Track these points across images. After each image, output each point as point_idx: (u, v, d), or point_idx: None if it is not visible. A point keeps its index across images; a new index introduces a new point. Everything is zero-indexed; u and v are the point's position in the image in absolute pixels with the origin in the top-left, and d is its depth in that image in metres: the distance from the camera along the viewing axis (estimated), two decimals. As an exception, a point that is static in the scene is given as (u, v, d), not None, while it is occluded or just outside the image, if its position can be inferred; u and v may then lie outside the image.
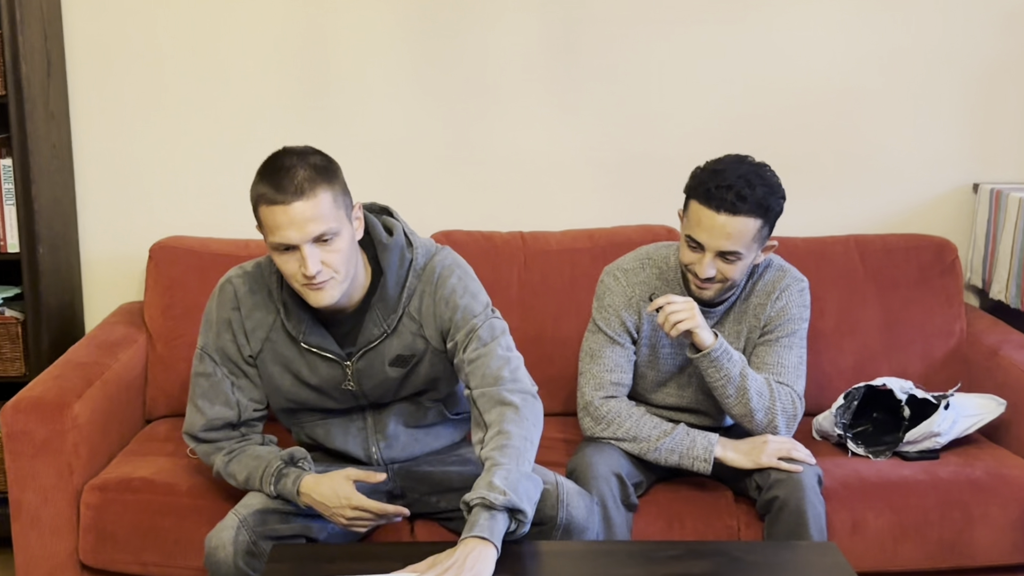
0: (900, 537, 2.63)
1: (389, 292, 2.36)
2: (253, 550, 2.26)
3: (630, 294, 2.68)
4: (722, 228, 2.48)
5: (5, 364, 3.11)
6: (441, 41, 3.29)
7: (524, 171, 3.38)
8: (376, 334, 2.38)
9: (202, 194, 3.34)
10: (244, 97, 3.31)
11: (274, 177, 2.19)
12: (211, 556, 2.28)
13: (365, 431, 2.51)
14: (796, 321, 2.66)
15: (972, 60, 3.35)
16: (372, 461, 2.52)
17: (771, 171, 2.56)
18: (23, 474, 2.63)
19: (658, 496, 2.65)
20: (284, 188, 2.17)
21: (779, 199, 2.54)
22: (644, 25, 3.29)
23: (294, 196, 2.17)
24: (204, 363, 2.44)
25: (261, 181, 2.22)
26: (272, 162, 2.24)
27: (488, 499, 2.09)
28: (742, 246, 2.50)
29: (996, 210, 3.25)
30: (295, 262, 2.22)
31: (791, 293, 2.67)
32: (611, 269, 2.73)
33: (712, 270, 2.53)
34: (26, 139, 3.02)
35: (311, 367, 2.42)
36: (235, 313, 2.41)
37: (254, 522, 2.29)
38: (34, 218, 3.06)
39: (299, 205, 2.17)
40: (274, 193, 2.18)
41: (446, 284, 2.38)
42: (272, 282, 2.39)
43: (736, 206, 2.46)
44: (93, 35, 3.26)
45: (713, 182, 2.49)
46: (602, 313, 2.69)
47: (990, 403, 2.87)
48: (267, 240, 2.24)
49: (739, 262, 2.53)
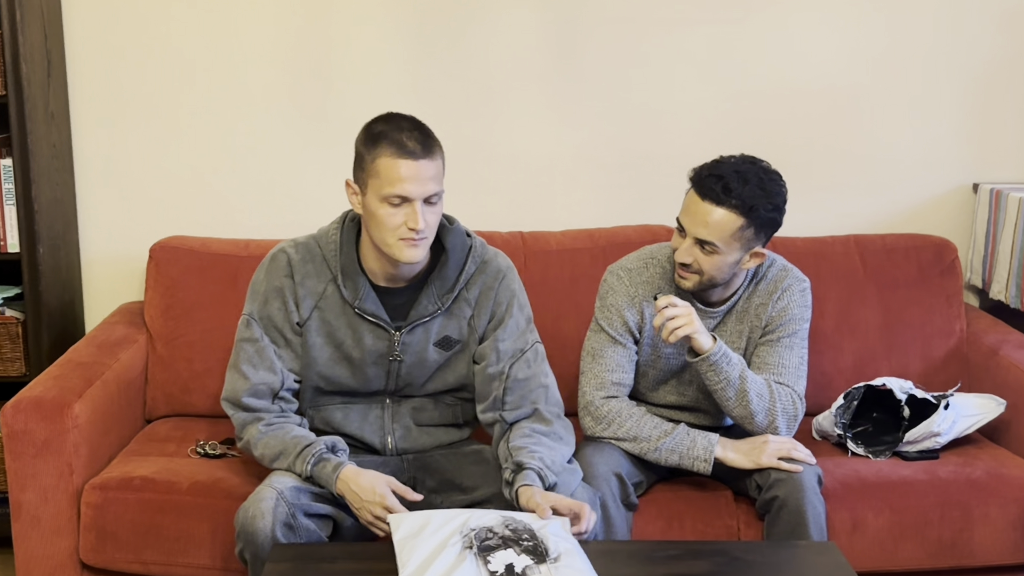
0: (900, 537, 2.63)
1: (449, 271, 2.46)
2: (291, 523, 2.28)
3: (633, 293, 2.69)
4: (703, 215, 2.51)
5: (5, 364, 3.12)
6: (441, 41, 3.30)
7: (524, 171, 3.38)
8: (430, 310, 2.47)
9: (202, 194, 3.35)
10: (244, 97, 3.31)
11: (401, 134, 2.32)
12: (248, 525, 2.27)
13: (381, 419, 2.55)
14: (797, 321, 2.67)
15: (972, 60, 3.35)
16: (386, 450, 2.56)
17: (776, 180, 2.56)
18: (23, 474, 2.63)
19: (658, 496, 2.65)
20: (412, 145, 2.31)
21: (770, 206, 2.53)
22: (644, 25, 3.30)
23: (422, 154, 2.31)
24: (251, 329, 2.47)
25: (385, 136, 2.33)
26: (393, 120, 2.36)
27: (543, 474, 2.30)
28: (719, 239, 2.51)
29: (996, 210, 3.26)
30: (402, 215, 2.32)
31: (792, 293, 2.68)
32: (614, 268, 2.73)
33: (688, 257, 2.55)
34: (26, 139, 3.02)
35: (356, 337, 2.47)
36: (287, 280, 2.46)
37: (291, 496, 2.31)
38: (34, 218, 3.06)
39: (424, 163, 2.31)
40: (402, 148, 2.31)
41: (508, 287, 2.52)
42: (329, 251, 2.46)
43: (720, 197, 2.49)
44: (93, 35, 3.26)
45: (709, 171, 2.53)
46: (604, 312, 2.69)
47: (990, 403, 2.87)
48: (378, 192, 2.32)
49: (716, 256, 2.54)
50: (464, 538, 2.10)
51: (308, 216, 3.29)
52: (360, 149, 2.37)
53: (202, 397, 3.08)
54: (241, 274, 3.09)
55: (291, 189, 3.36)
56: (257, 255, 3.11)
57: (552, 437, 2.43)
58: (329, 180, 3.35)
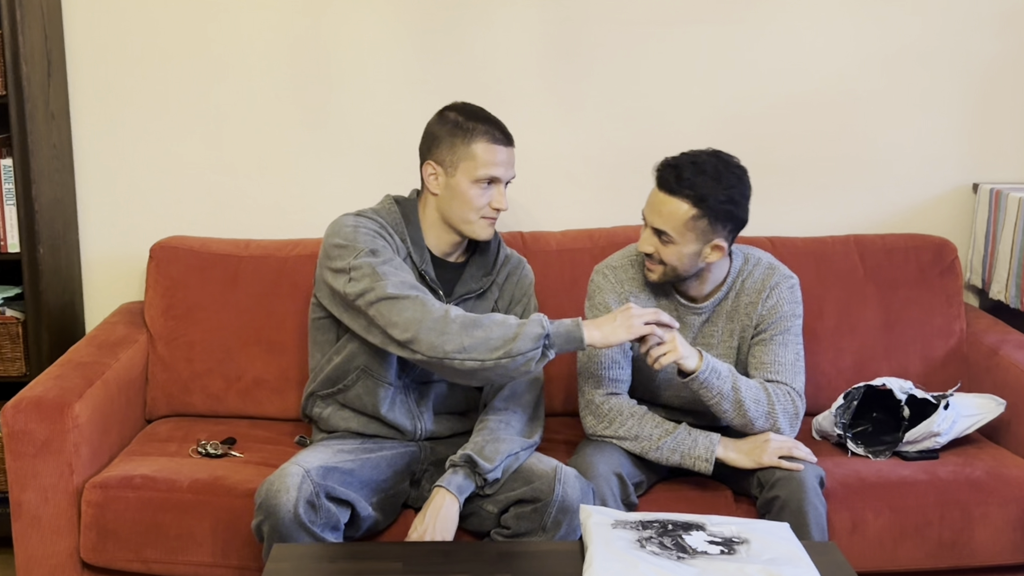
0: (900, 537, 2.63)
1: (488, 256, 2.69)
2: (314, 502, 2.30)
3: (619, 291, 2.71)
4: (656, 204, 2.57)
5: (6, 364, 3.12)
6: (441, 42, 3.30)
7: (524, 171, 3.36)
8: (473, 288, 2.66)
9: (202, 194, 3.35)
10: (244, 97, 3.31)
11: (494, 123, 2.60)
12: (271, 499, 2.30)
13: (408, 404, 2.62)
14: (789, 318, 2.68)
15: (972, 60, 3.35)
16: (416, 434, 2.64)
17: (736, 174, 2.57)
18: (24, 474, 2.63)
19: (658, 495, 2.65)
20: (504, 134, 2.60)
21: (723, 197, 2.53)
22: (644, 26, 3.30)
23: (511, 142, 2.62)
24: (379, 255, 2.51)
25: (481, 123, 2.58)
26: (483, 111, 2.63)
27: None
28: (672, 228, 2.54)
29: (996, 210, 3.26)
30: (487, 196, 2.59)
31: (781, 290, 2.69)
32: (600, 268, 2.77)
33: (649, 246, 2.60)
34: (26, 139, 3.02)
35: None
36: (384, 231, 2.59)
37: (317, 475, 2.34)
38: (34, 218, 3.07)
39: (512, 150, 2.63)
40: (498, 135, 2.59)
41: (527, 277, 2.77)
42: (393, 220, 2.63)
43: (673, 187, 2.54)
44: (93, 35, 3.26)
45: (669, 162, 2.58)
46: (594, 312, 2.71)
47: (989, 403, 2.87)
48: (471, 173, 2.56)
49: (672, 246, 2.57)
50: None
51: (308, 216, 3.31)
52: (447, 134, 2.57)
53: (202, 397, 3.08)
54: (241, 274, 3.10)
55: (291, 189, 3.36)
56: (257, 255, 3.13)
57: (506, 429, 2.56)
58: (329, 181, 3.36)
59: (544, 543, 2.36)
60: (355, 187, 3.29)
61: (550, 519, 2.40)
